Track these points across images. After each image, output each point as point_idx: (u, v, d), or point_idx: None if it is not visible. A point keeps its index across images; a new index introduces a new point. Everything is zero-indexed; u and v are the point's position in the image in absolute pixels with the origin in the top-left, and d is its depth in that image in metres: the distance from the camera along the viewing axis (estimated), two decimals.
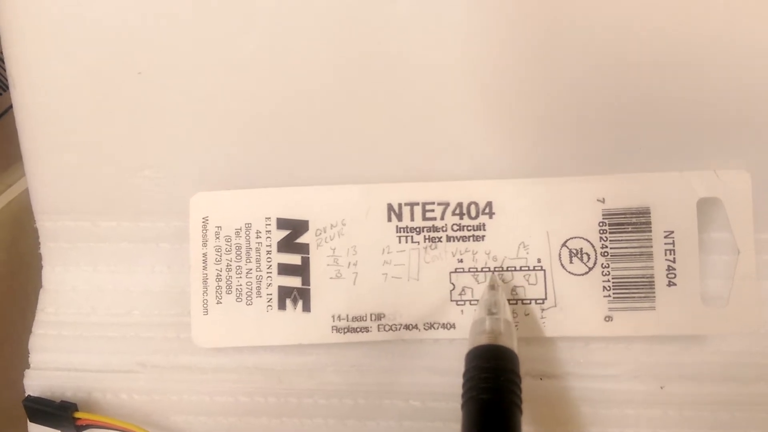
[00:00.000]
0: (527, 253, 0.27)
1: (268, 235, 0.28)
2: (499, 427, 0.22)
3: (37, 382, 0.29)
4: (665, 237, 0.27)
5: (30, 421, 0.29)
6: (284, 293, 0.28)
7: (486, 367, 0.23)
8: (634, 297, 0.27)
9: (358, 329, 0.28)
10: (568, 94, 0.27)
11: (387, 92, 0.27)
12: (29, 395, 0.29)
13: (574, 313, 0.27)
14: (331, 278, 0.28)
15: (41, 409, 0.28)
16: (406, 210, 0.28)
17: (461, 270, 0.27)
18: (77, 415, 0.28)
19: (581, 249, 0.27)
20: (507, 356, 0.24)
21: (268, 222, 0.28)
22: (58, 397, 0.28)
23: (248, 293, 0.28)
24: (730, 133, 0.27)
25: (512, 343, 0.24)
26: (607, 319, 0.27)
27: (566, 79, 0.27)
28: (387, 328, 0.27)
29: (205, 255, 0.28)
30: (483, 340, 0.24)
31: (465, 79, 0.27)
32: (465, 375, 0.24)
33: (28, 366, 0.29)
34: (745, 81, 0.26)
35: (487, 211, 0.27)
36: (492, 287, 0.27)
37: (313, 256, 0.28)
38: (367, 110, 0.28)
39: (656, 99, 0.27)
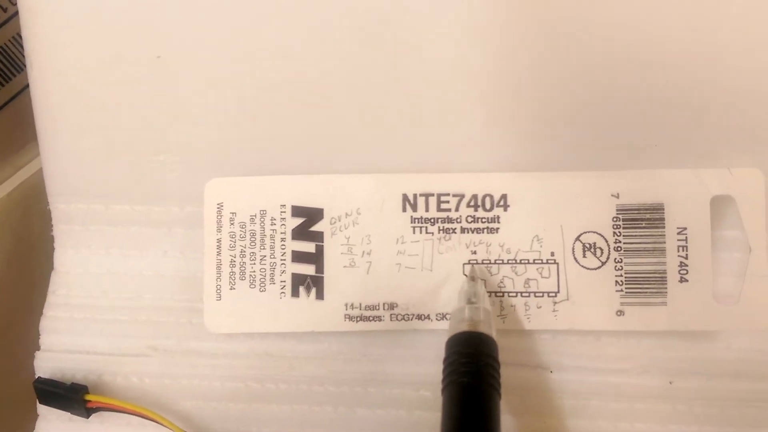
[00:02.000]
0: (541, 246, 0.27)
1: (283, 222, 0.28)
2: (479, 408, 0.23)
3: (47, 364, 0.29)
4: (678, 233, 0.27)
5: (40, 402, 0.29)
6: (298, 281, 0.28)
7: (466, 352, 0.24)
8: (646, 292, 0.27)
9: (371, 318, 0.28)
10: (585, 91, 0.27)
11: (404, 84, 0.28)
12: (39, 377, 0.29)
13: (586, 307, 0.27)
14: (344, 267, 0.28)
15: (51, 390, 0.28)
16: (421, 201, 0.28)
17: (475, 262, 0.27)
18: (87, 397, 0.28)
19: (594, 243, 0.27)
20: (486, 342, 0.24)
21: (283, 209, 0.28)
22: (68, 380, 0.28)
23: (262, 280, 0.28)
24: (744, 131, 0.27)
25: (491, 331, 0.25)
26: (618, 313, 0.27)
27: (583, 76, 0.27)
28: (399, 317, 0.28)
29: (219, 241, 0.28)
30: (463, 328, 0.25)
31: (482, 73, 0.27)
32: (445, 360, 0.24)
33: (38, 348, 0.29)
34: (760, 80, 0.27)
35: (501, 203, 0.27)
36: (472, 278, 0.27)
37: (328, 244, 0.28)
38: (384, 102, 0.28)
39: (672, 97, 0.27)
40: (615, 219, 0.27)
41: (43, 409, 0.29)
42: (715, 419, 0.27)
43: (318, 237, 0.28)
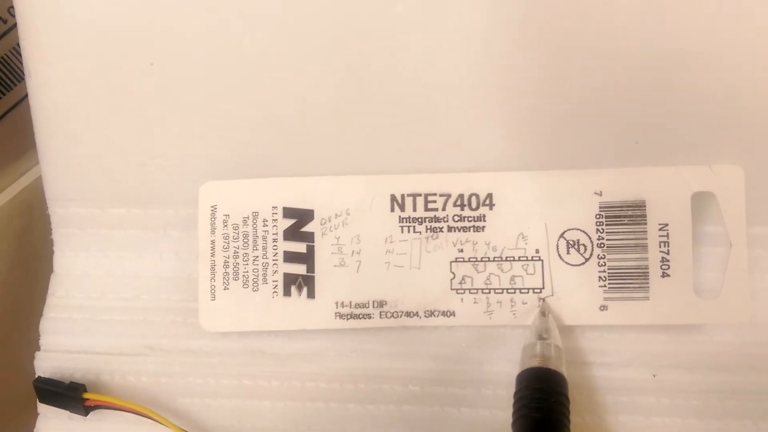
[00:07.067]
0: (526, 243, 0.28)
1: (275, 223, 0.29)
2: None
3: (47, 364, 0.30)
4: (660, 229, 0.27)
5: (39, 401, 0.29)
6: (289, 280, 0.28)
7: (537, 388, 0.25)
8: (628, 287, 0.27)
9: (361, 316, 0.28)
10: (568, 90, 0.28)
11: (392, 86, 0.28)
12: (39, 376, 0.29)
13: (570, 303, 0.28)
14: (335, 266, 0.28)
15: (51, 389, 0.29)
16: (408, 201, 0.28)
17: (461, 260, 0.28)
18: (86, 395, 0.28)
19: (578, 240, 0.28)
20: (557, 379, 0.25)
21: (275, 211, 0.29)
22: (67, 379, 0.29)
23: (254, 280, 0.29)
24: (725, 128, 0.27)
25: (561, 367, 0.26)
26: (602, 308, 0.27)
27: (566, 76, 0.27)
28: (389, 315, 0.28)
29: (213, 242, 0.29)
30: (534, 363, 0.26)
31: (467, 75, 0.28)
32: (516, 395, 0.26)
33: (38, 348, 0.30)
34: (739, 78, 0.27)
35: (487, 202, 0.28)
36: (543, 314, 0.27)
37: (318, 244, 0.29)
38: (372, 104, 0.28)
39: (653, 95, 0.27)
40: (598, 216, 0.28)
41: (43, 408, 0.30)
42: (697, 411, 0.28)
43: (309, 237, 0.29)
